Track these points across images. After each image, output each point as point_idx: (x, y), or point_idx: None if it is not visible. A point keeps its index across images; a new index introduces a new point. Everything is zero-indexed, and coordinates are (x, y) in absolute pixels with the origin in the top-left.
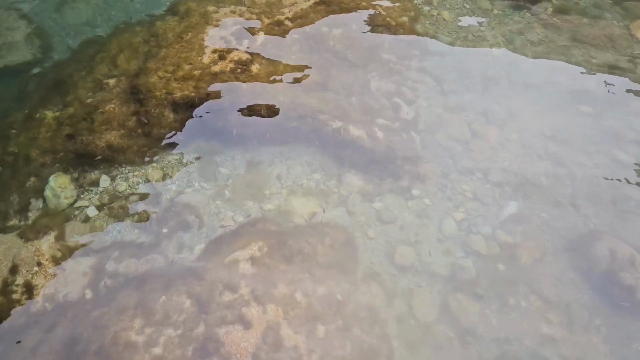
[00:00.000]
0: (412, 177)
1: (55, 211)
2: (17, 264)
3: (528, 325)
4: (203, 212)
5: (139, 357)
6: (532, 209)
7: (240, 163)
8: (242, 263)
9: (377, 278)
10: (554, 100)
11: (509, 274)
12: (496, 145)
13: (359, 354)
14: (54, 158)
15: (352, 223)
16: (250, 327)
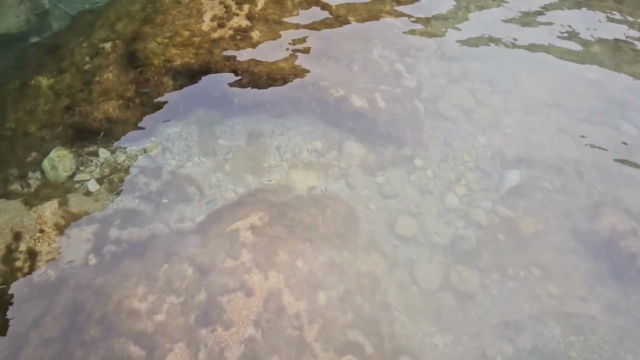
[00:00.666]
0: (414, 147)
1: (55, 184)
2: (20, 231)
3: (528, 294)
4: (203, 184)
5: (141, 324)
6: (534, 179)
7: (240, 135)
8: (243, 232)
9: (378, 248)
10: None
11: (509, 244)
12: (500, 114)
13: (360, 321)
14: (52, 132)
15: (354, 195)
16: (252, 295)
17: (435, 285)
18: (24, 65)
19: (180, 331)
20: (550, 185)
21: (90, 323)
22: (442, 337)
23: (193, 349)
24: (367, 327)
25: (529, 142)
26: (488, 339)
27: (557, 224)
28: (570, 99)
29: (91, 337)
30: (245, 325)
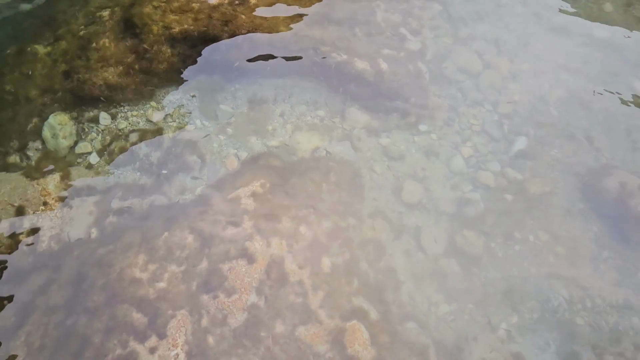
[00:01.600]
0: (419, 112)
1: (56, 154)
2: (23, 204)
3: (535, 258)
4: (205, 150)
5: (143, 291)
6: (542, 143)
7: (242, 101)
8: (244, 199)
9: (383, 213)
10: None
11: (516, 207)
12: (507, 76)
13: (365, 288)
14: (52, 98)
15: (358, 159)
16: (254, 262)
17: (440, 251)
18: (20, 34)
19: (183, 298)
20: (559, 148)
21: (94, 291)
22: (448, 304)
23: (196, 316)
24: (372, 293)
25: (537, 105)
26: (493, 306)
27: (565, 186)
28: (581, 60)
29: (95, 304)
30: (248, 292)
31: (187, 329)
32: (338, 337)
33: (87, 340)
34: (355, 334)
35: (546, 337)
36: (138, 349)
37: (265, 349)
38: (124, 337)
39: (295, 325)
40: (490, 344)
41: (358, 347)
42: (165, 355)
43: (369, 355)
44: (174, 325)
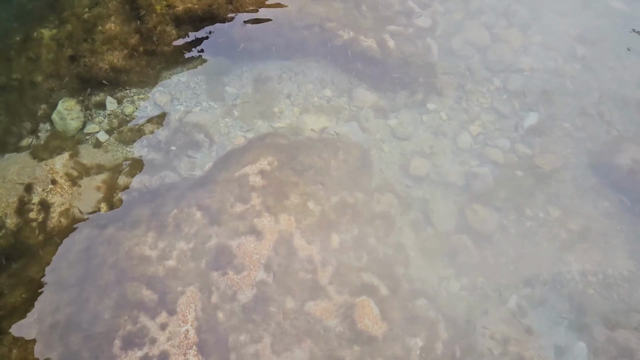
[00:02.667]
0: (426, 90)
1: (65, 136)
2: (32, 183)
3: (546, 232)
4: (212, 130)
5: (153, 269)
6: (553, 119)
7: (248, 82)
8: (252, 176)
9: (391, 188)
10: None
11: (527, 183)
12: (518, 50)
13: (375, 264)
14: (59, 83)
15: (366, 140)
16: (263, 238)
17: (450, 226)
18: (24, 16)
19: (192, 275)
20: (570, 124)
21: (104, 269)
22: (458, 279)
23: (205, 292)
24: (381, 269)
25: (549, 80)
26: (504, 280)
27: (576, 161)
28: (596, 32)
29: (105, 282)
30: (257, 269)
31: (197, 306)
32: (348, 312)
33: (98, 316)
34: (365, 309)
35: (558, 310)
36: (149, 325)
37: (276, 324)
38: (135, 313)
39: (304, 300)
40: (501, 317)
41: (368, 322)
42: (176, 331)
43: (380, 330)
44: (184, 301)
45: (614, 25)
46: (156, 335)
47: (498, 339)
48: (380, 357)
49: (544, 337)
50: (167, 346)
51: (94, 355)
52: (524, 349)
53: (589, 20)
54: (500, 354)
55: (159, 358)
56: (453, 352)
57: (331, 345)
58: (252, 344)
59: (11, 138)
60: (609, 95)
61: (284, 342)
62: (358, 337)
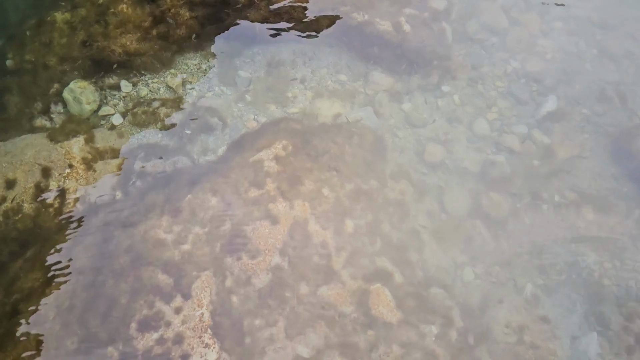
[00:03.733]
0: (442, 73)
1: (80, 119)
2: (49, 167)
3: (563, 219)
4: (225, 114)
5: (168, 253)
6: (572, 104)
7: (260, 66)
8: (266, 162)
9: (406, 174)
10: None
11: (543, 170)
12: (537, 34)
13: (389, 249)
14: (72, 65)
15: (381, 125)
16: (277, 223)
17: (465, 213)
18: (39, 3)
19: (207, 259)
20: (589, 110)
21: (119, 253)
22: (473, 267)
23: (220, 277)
24: (395, 255)
25: (568, 65)
26: (519, 268)
27: (595, 148)
28: (616, 17)
29: (121, 266)
30: (272, 254)
31: (212, 290)
32: (362, 299)
33: (114, 300)
34: (380, 297)
35: (573, 298)
36: (164, 309)
37: (290, 308)
38: (150, 297)
39: (318, 285)
40: (516, 306)
41: (382, 309)
42: (191, 315)
43: (394, 317)
44: (199, 285)
45: (636, 11)
46: (171, 319)
47: (513, 327)
48: (395, 343)
49: (559, 326)
50: (182, 329)
51: (111, 337)
52: (539, 338)
53: (610, 5)
54: (515, 342)
55: (174, 340)
56: (467, 339)
57: (345, 330)
58: (267, 327)
59: (25, 119)
60: (630, 81)
61: (298, 327)
62: (372, 323)
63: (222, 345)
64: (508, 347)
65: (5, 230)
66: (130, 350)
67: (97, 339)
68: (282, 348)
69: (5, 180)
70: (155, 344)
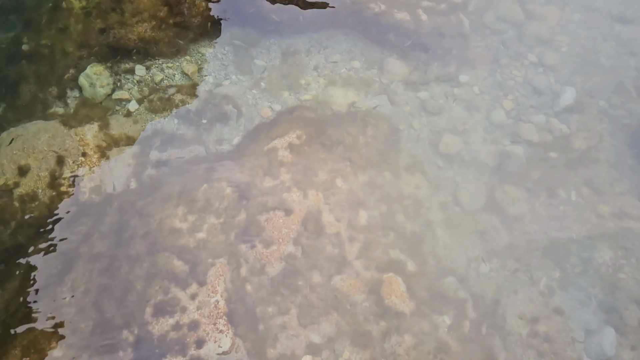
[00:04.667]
0: (459, 63)
1: (94, 103)
2: (63, 155)
3: (578, 213)
4: (241, 102)
5: (184, 241)
6: (591, 95)
7: (276, 55)
8: (281, 151)
9: (421, 167)
10: None
11: (560, 162)
12: (555, 27)
13: (402, 241)
14: (89, 52)
15: (396, 113)
16: (291, 213)
17: (480, 206)
18: None
19: (222, 248)
20: (607, 102)
21: (135, 239)
22: (488, 259)
23: (234, 264)
24: (409, 247)
25: (587, 59)
26: (534, 261)
27: (612, 140)
28: (637, 10)
29: (136, 252)
30: (285, 243)
31: (226, 277)
32: (375, 288)
33: (130, 286)
34: (392, 286)
35: (588, 291)
36: (179, 295)
37: (303, 297)
38: (166, 283)
39: (331, 275)
40: (531, 298)
41: (395, 299)
42: (206, 301)
43: (407, 307)
44: (214, 273)
45: None
46: (186, 305)
47: (527, 319)
48: (407, 333)
49: (574, 320)
50: (197, 315)
51: (127, 322)
52: (553, 331)
53: None
54: (528, 334)
55: (190, 326)
56: (480, 330)
57: (357, 319)
58: (280, 315)
59: (39, 105)
60: None
61: (311, 315)
62: (385, 312)
63: (236, 331)
64: (521, 339)
65: (21, 216)
66: (146, 334)
67: (112, 323)
68: (295, 335)
69: (17, 166)
70: (170, 329)
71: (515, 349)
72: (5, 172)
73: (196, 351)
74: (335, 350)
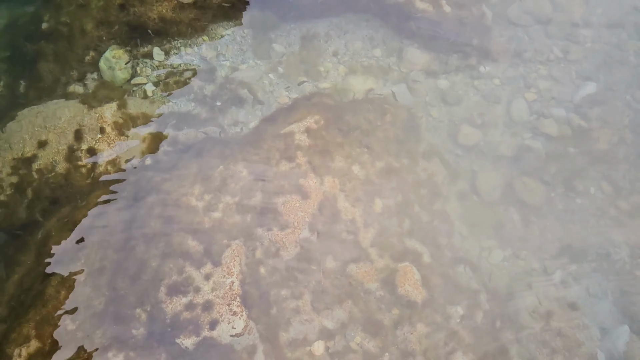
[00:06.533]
0: (480, 55)
1: (113, 85)
2: (82, 130)
3: (596, 208)
4: (257, 87)
5: (199, 220)
6: (613, 91)
7: (295, 39)
8: (298, 135)
9: (439, 156)
10: None
11: (580, 156)
12: (578, 22)
13: (417, 231)
14: (108, 31)
15: (415, 101)
16: (308, 198)
17: (497, 198)
18: None
19: (237, 229)
20: (631, 97)
21: (151, 217)
22: (502, 250)
23: (250, 247)
24: (424, 236)
25: (610, 54)
26: (550, 254)
27: (633, 137)
28: None
29: (152, 230)
30: (301, 227)
31: (242, 259)
32: (389, 277)
33: (144, 264)
34: (407, 275)
35: (603, 287)
36: (194, 275)
37: (316, 282)
38: (180, 262)
39: (346, 262)
40: (545, 291)
41: (409, 287)
42: (220, 282)
43: (420, 296)
44: (229, 254)
45: None
46: (201, 285)
47: (541, 313)
48: (420, 323)
49: (588, 315)
50: (212, 296)
51: (140, 300)
52: (567, 326)
53: None
54: (541, 328)
55: (203, 306)
56: (493, 322)
57: (370, 307)
58: (293, 299)
59: (59, 84)
60: None
61: (324, 301)
62: (398, 301)
63: (249, 314)
64: (535, 333)
65: (38, 187)
66: (159, 313)
67: (125, 300)
68: (308, 320)
69: (38, 141)
70: (184, 308)
71: (528, 344)
72: (26, 145)
73: (209, 332)
74: (346, 336)
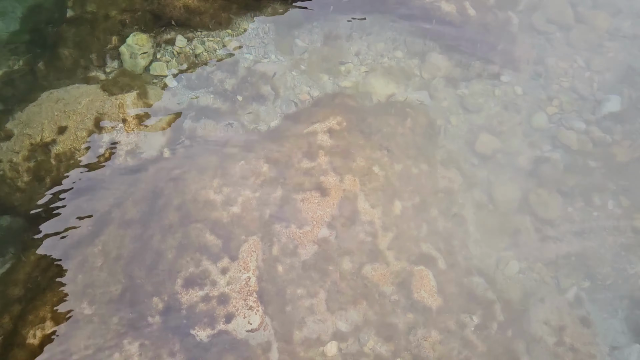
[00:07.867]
0: (503, 62)
1: (133, 73)
2: (102, 118)
3: (614, 225)
4: (278, 83)
5: (217, 214)
6: (636, 105)
7: (318, 37)
8: (320, 134)
9: (456, 163)
10: None
11: (599, 170)
12: (603, 35)
13: (434, 236)
14: (132, 17)
15: (435, 107)
16: (327, 196)
17: (513, 209)
18: None
19: (255, 224)
20: None
21: (169, 209)
22: (518, 262)
23: (267, 243)
24: (440, 242)
25: (634, 67)
26: (565, 269)
27: None
28: None
29: (169, 222)
30: (319, 226)
31: (259, 255)
32: (405, 282)
33: (161, 255)
34: (423, 280)
35: (616, 304)
36: (210, 268)
37: (332, 283)
38: (197, 255)
39: (363, 263)
40: (558, 306)
41: (424, 293)
42: (237, 277)
43: (435, 302)
44: (246, 249)
45: None
46: (217, 278)
47: (553, 327)
48: (434, 329)
49: (600, 332)
50: (228, 290)
51: (157, 290)
52: (579, 342)
53: None
54: (554, 343)
55: (219, 300)
56: (506, 333)
57: (385, 310)
58: (308, 298)
59: (80, 69)
60: None
61: (339, 301)
62: (413, 306)
63: (265, 310)
64: (547, 347)
65: (57, 174)
66: (175, 304)
67: (142, 289)
68: (322, 320)
69: (58, 126)
70: (200, 300)
71: (539, 356)
72: (44, 129)
73: (225, 325)
74: (360, 339)
